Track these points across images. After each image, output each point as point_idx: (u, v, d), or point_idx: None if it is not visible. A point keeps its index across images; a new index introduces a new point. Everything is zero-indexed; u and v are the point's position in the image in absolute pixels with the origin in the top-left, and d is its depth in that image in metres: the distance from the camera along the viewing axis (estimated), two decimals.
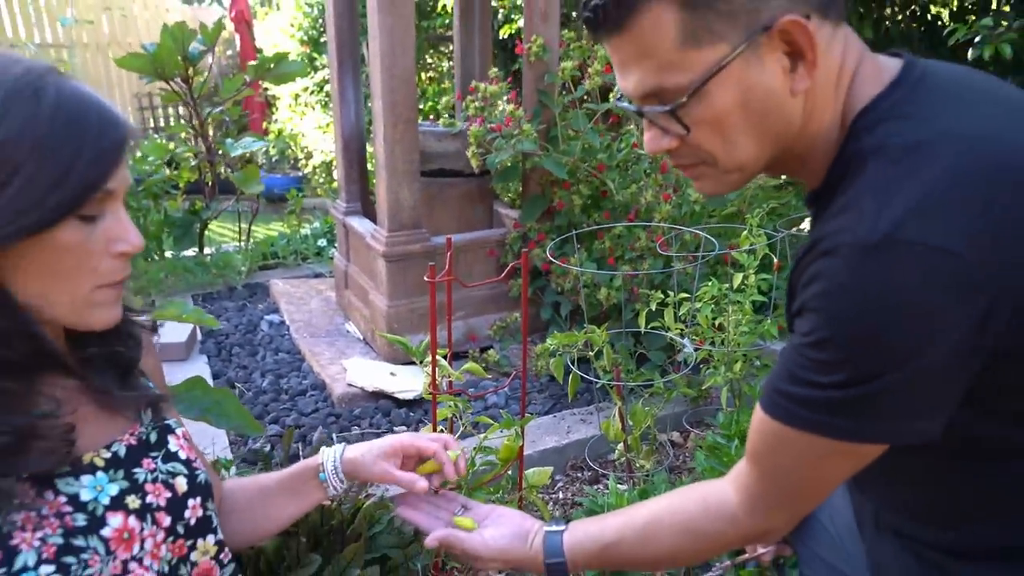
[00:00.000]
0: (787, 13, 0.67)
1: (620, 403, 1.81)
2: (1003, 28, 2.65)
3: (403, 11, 2.25)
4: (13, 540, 0.68)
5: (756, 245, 1.93)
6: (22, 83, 0.66)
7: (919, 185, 0.65)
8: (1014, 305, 0.63)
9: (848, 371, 0.68)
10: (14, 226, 0.64)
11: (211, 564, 0.85)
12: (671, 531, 0.89)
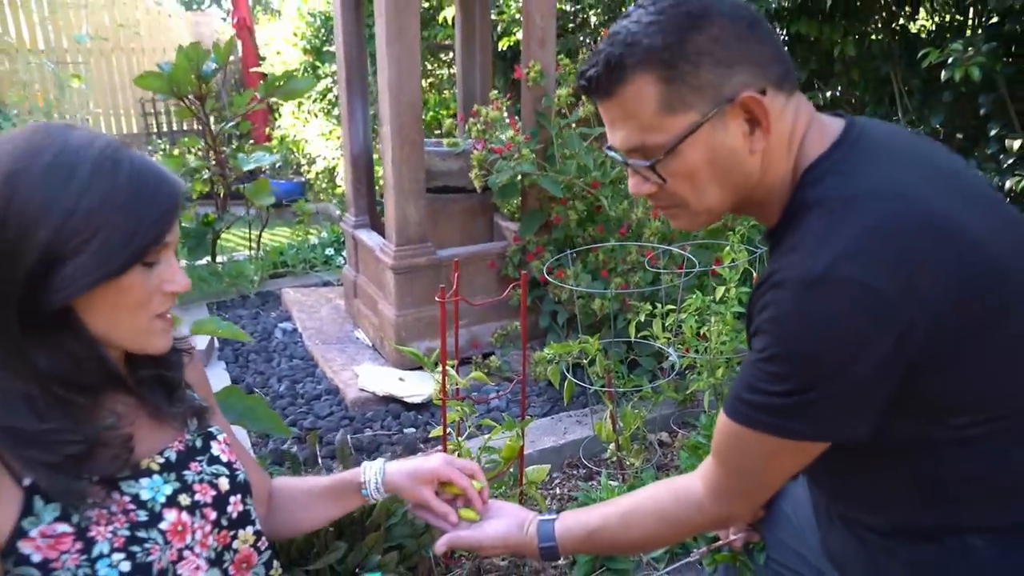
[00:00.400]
0: (747, 88, 0.83)
1: (612, 406, 1.98)
2: (971, 52, 2.81)
3: (409, 43, 2.42)
4: (90, 532, 0.82)
5: (737, 261, 2.10)
6: (102, 158, 0.81)
7: (850, 232, 0.80)
8: (925, 328, 0.78)
9: (793, 382, 0.83)
10: (93, 276, 0.79)
11: (250, 551, 1.00)
12: (648, 518, 1.05)
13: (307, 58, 7.44)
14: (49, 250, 0.77)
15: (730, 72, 0.84)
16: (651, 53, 0.83)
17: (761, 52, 0.86)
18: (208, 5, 18.88)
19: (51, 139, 0.81)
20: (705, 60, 0.83)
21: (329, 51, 7.12)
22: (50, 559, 0.79)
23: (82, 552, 0.81)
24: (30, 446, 0.80)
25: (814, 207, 0.85)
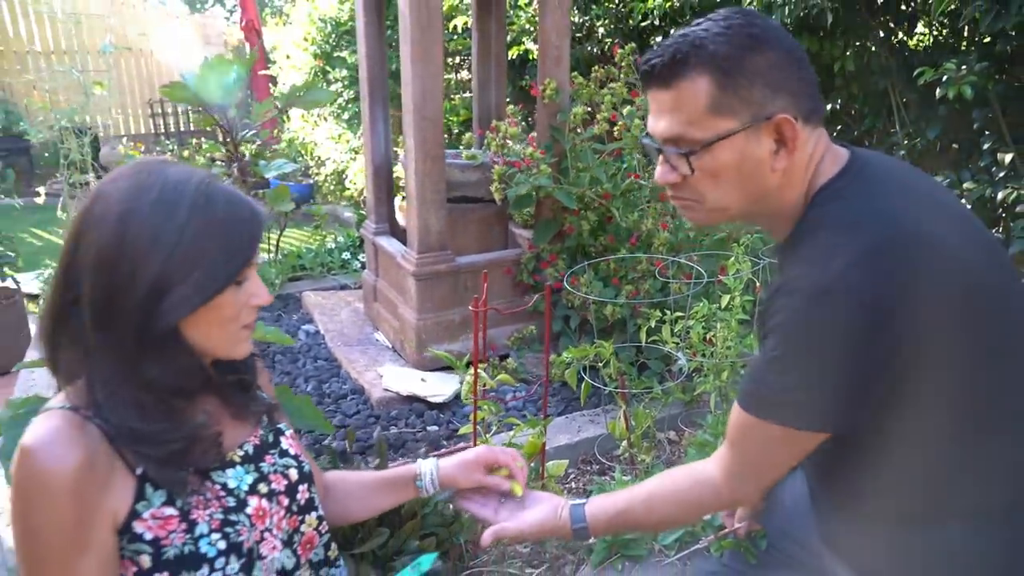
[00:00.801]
0: (784, 112, 0.97)
1: (624, 406, 2.13)
2: (964, 71, 2.95)
3: (433, 63, 2.56)
4: (192, 515, 0.95)
5: (741, 272, 2.25)
6: (197, 194, 0.93)
7: (853, 250, 0.93)
8: (917, 331, 0.91)
9: (799, 377, 0.96)
10: (194, 302, 0.92)
11: (314, 534, 1.13)
12: (668, 501, 1.18)
13: (318, 63, 7.57)
14: (157, 282, 0.90)
15: (774, 95, 0.96)
16: (714, 58, 0.95)
17: (801, 86, 0.99)
18: (212, 4, 19.02)
19: (153, 177, 0.93)
20: (757, 79, 0.96)
21: (340, 56, 7.25)
22: (160, 537, 0.92)
23: (186, 532, 0.94)
24: (142, 443, 0.92)
25: (823, 227, 0.98)
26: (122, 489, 0.92)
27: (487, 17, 3.27)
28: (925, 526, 1.06)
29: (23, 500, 0.87)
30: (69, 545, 0.86)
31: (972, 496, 1.04)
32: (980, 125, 3.38)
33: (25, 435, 0.88)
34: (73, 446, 0.87)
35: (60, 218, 4.74)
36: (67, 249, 0.93)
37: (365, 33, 3.02)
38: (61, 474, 0.85)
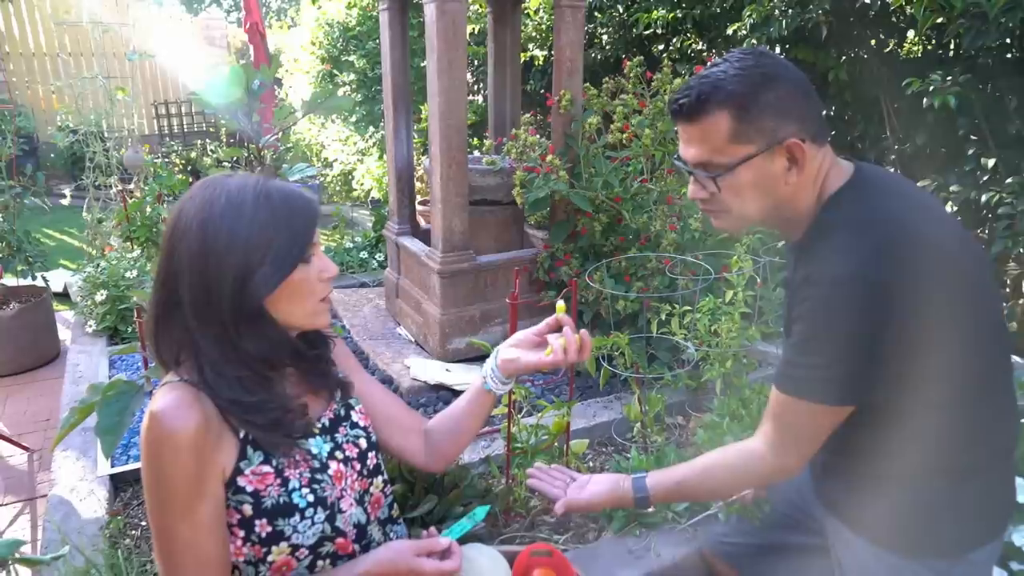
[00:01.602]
0: (794, 136, 1.17)
1: (639, 391, 2.34)
2: (948, 83, 3.17)
3: (457, 76, 2.77)
4: (286, 473, 1.14)
5: (744, 268, 2.46)
6: (256, 193, 1.09)
7: (868, 246, 1.14)
8: (918, 316, 1.11)
9: (826, 357, 1.15)
10: (275, 279, 1.10)
11: (380, 495, 1.32)
12: (720, 471, 1.35)
13: (325, 67, 7.73)
14: (240, 270, 1.07)
15: (784, 122, 1.17)
16: (732, 96, 1.16)
17: (808, 112, 1.19)
18: (208, 4, 19.17)
19: (219, 189, 1.10)
20: (769, 110, 1.17)
21: (347, 60, 7.44)
22: (259, 490, 1.11)
23: (281, 486, 1.13)
24: (247, 412, 1.11)
25: (837, 227, 1.19)
26: (229, 449, 1.10)
27: (503, 30, 3.48)
28: (914, 483, 1.26)
29: (154, 455, 1.05)
30: (191, 492, 1.05)
31: (956, 456, 1.25)
32: (965, 132, 3.59)
33: (152, 403, 1.07)
34: (192, 411, 1.06)
35: (84, 220, 4.93)
36: (163, 262, 1.10)
37: (390, 48, 3.22)
38: (184, 433, 1.04)
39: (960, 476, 1.27)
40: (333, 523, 1.18)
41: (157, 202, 3.91)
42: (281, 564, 1.14)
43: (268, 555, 1.13)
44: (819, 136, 1.21)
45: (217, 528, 1.09)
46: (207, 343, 1.10)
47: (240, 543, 1.12)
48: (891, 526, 1.33)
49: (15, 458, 3.33)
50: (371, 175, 7.74)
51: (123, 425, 1.71)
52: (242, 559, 1.13)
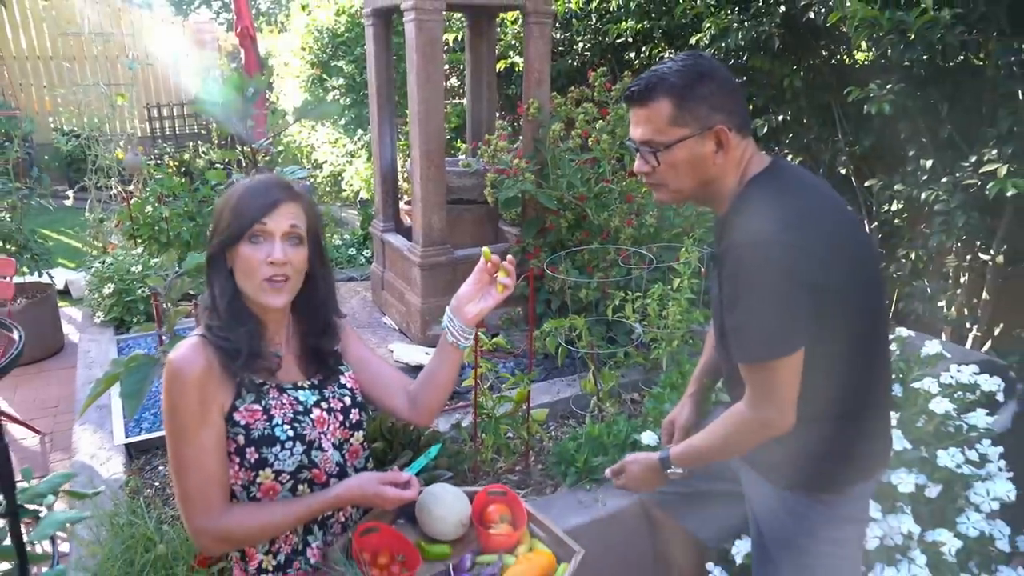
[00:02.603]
0: (722, 124, 1.45)
1: (594, 368, 2.64)
2: (885, 91, 3.48)
3: (435, 87, 3.06)
4: (271, 411, 1.43)
5: (690, 259, 2.76)
6: (249, 180, 1.43)
7: (780, 216, 1.39)
8: (822, 277, 1.36)
9: (757, 315, 1.38)
10: (223, 238, 1.38)
11: (358, 446, 1.59)
12: (715, 431, 1.58)
13: (315, 71, 7.98)
14: (213, 229, 1.41)
15: (714, 112, 1.45)
16: (674, 87, 1.45)
17: (735, 107, 1.46)
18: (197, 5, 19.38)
19: (246, 180, 1.44)
20: (703, 101, 1.45)
21: (337, 65, 7.71)
22: (249, 423, 1.40)
23: (267, 421, 1.41)
24: (223, 339, 1.39)
25: (755, 201, 1.45)
26: (227, 389, 1.40)
27: (480, 42, 3.77)
28: (807, 429, 1.50)
29: (168, 390, 1.34)
30: (196, 420, 1.35)
31: (842, 403, 1.51)
32: (906, 135, 3.90)
33: (171, 352, 1.38)
34: (198, 357, 1.36)
35: (86, 219, 5.20)
36: None
37: (375, 61, 3.51)
38: (190, 374, 1.34)
39: (845, 422, 1.53)
40: (310, 456, 1.45)
41: (158, 203, 4.20)
42: (267, 488, 1.42)
43: (256, 478, 1.42)
44: (743, 127, 1.48)
45: (216, 451, 1.38)
46: (210, 284, 1.43)
47: (236, 468, 1.41)
48: (787, 467, 1.59)
49: (28, 440, 3.61)
50: (360, 176, 8.02)
51: (143, 392, 2.00)
52: (238, 483, 1.43)
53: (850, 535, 1.63)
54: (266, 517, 1.40)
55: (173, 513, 2.06)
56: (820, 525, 1.58)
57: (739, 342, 1.45)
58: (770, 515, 1.66)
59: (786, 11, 4.05)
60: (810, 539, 1.59)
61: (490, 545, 1.60)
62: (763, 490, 1.66)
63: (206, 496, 1.37)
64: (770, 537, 1.66)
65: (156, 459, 2.54)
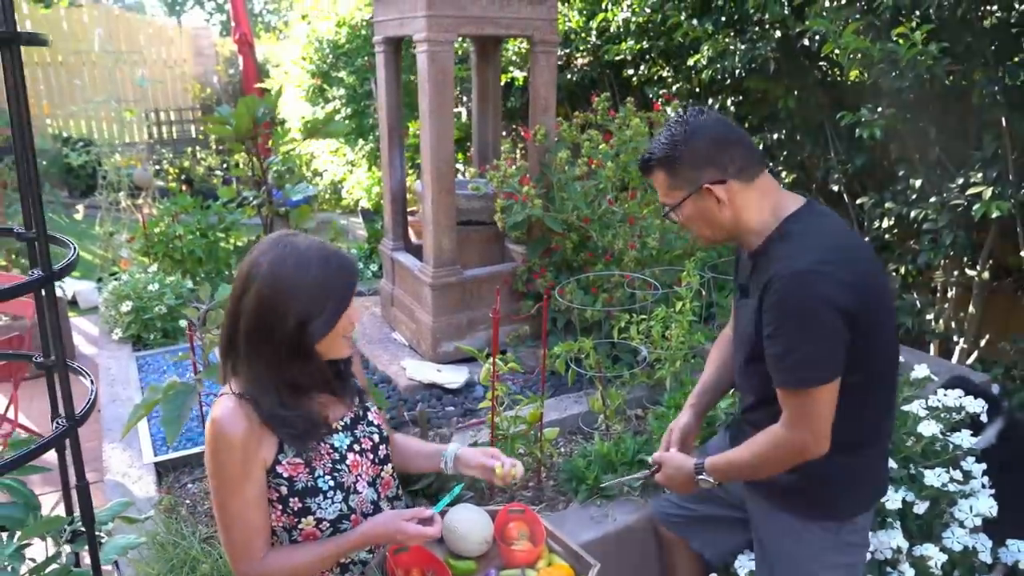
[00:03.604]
0: (710, 181, 1.58)
1: (601, 387, 2.78)
2: (876, 115, 3.63)
3: (446, 113, 3.19)
4: (313, 464, 1.52)
5: (692, 283, 2.90)
6: (319, 257, 1.41)
7: (820, 251, 1.49)
8: (857, 311, 1.47)
9: (798, 343, 1.47)
10: (327, 327, 1.43)
11: (390, 478, 1.70)
12: (749, 448, 1.65)
13: (315, 81, 8.09)
14: (300, 316, 1.39)
15: (702, 171, 1.59)
16: (660, 161, 1.63)
17: (723, 159, 1.56)
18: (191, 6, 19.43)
19: (288, 247, 1.42)
20: (686, 164, 1.60)
21: (337, 76, 7.82)
22: (293, 476, 1.49)
23: (310, 473, 1.49)
24: (283, 424, 1.48)
25: (794, 236, 1.55)
26: (269, 445, 1.46)
27: (485, 67, 3.90)
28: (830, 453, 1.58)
29: (214, 451, 1.42)
30: (239, 477, 1.43)
31: (855, 433, 1.61)
32: (896, 156, 4.06)
33: (213, 410, 1.45)
34: (240, 419, 1.43)
35: (96, 233, 5.31)
36: (233, 298, 1.43)
37: (385, 88, 3.63)
38: (233, 434, 1.42)
39: (855, 451, 1.63)
40: (348, 503, 1.55)
41: (173, 220, 4.31)
42: (308, 533, 1.53)
43: (299, 524, 1.52)
44: (742, 173, 1.58)
45: (259, 504, 1.47)
46: (258, 366, 1.44)
47: (279, 513, 1.51)
48: (794, 494, 1.70)
49: None
50: (360, 186, 8.14)
51: (183, 417, 2.14)
52: (280, 525, 1.52)
53: (854, 560, 1.74)
54: (300, 558, 1.50)
55: (208, 533, 2.19)
56: (827, 551, 1.69)
57: (781, 368, 1.52)
58: (778, 541, 1.76)
59: (782, 36, 4.20)
60: (817, 564, 1.70)
61: (512, 561, 1.74)
62: (772, 517, 1.77)
63: (249, 545, 1.47)
64: (777, 562, 1.77)
65: (184, 476, 2.67)
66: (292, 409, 1.47)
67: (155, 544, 2.05)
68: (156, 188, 5.73)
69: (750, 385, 1.74)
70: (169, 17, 17.86)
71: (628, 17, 5.02)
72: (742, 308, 1.71)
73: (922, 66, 3.21)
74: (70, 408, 1.25)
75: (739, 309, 1.75)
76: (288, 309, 1.39)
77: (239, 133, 4.28)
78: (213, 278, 4.41)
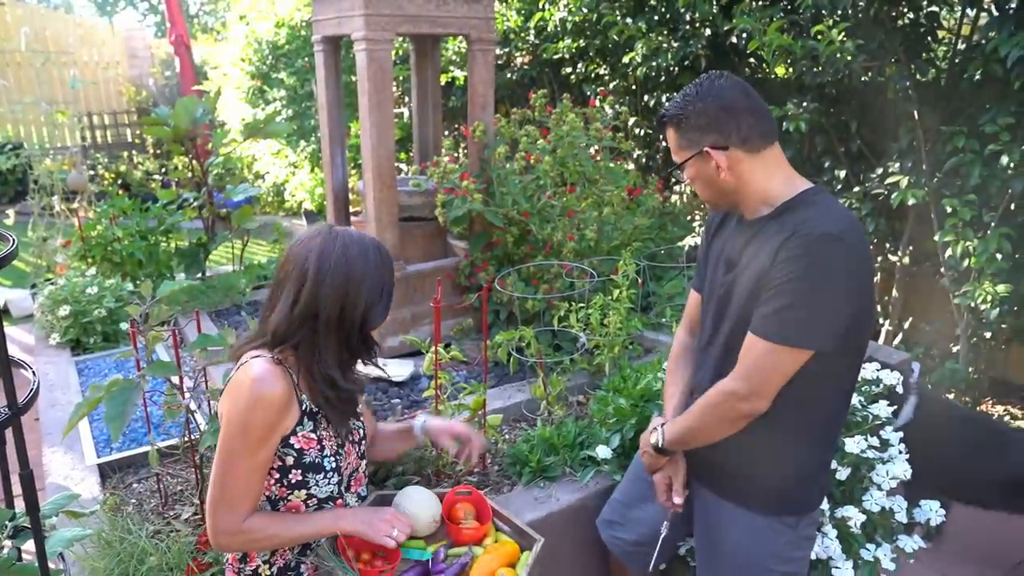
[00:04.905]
0: (712, 146, 1.59)
1: (543, 375, 2.86)
2: (801, 110, 3.80)
3: (385, 113, 3.23)
4: (324, 442, 1.59)
5: (628, 272, 3.01)
6: (373, 246, 1.55)
7: (843, 218, 1.49)
8: (869, 287, 1.52)
9: (813, 305, 1.44)
10: (387, 310, 1.61)
11: (362, 475, 1.77)
12: (704, 410, 1.65)
13: (255, 83, 8.01)
14: (368, 300, 1.52)
15: (705, 135, 1.60)
16: (671, 118, 1.65)
17: (728, 126, 1.55)
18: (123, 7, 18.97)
19: (341, 238, 1.52)
20: (692, 127, 1.61)
21: (277, 77, 7.77)
22: (304, 449, 1.56)
23: (320, 450, 1.58)
24: (339, 394, 1.57)
25: (823, 202, 1.55)
26: (294, 415, 1.53)
27: (424, 66, 3.96)
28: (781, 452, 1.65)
29: (248, 407, 1.45)
30: (262, 438, 1.49)
31: (816, 428, 1.65)
32: (822, 148, 4.24)
33: (251, 369, 1.47)
34: (282, 381, 1.50)
35: (28, 239, 5.17)
36: (310, 286, 1.48)
37: (325, 87, 3.66)
38: (275, 395, 1.48)
39: (817, 448, 1.68)
40: (341, 486, 1.65)
41: (111, 223, 4.25)
42: (293, 507, 1.60)
43: (289, 496, 1.58)
44: (746, 143, 1.57)
45: (264, 469, 1.53)
46: (331, 344, 1.52)
47: (272, 483, 1.57)
48: (759, 491, 1.72)
49: None
50: (303, 187, 8.09)
51: (126, 414, 2.13)
52: (269, 495, 1.58)
53: (806, 553, 1.79)
54: (277, 528, 1.55)
55: (156, 528, 2.19)
56: (785, 546, 1.73)
57: (774, 319, 1.49)
58: (735, 539, 1.76)
59: (711, 34, 4.35)
60: (773, 560, 1.73)
61: (460, 539, 1.81)
62: (732, 515, 1.76)
63: (240, 503, 1.51)
64: (730, 561, 1.78)
65: (129, 476, 2.66)
66: (348, 380, 1.58)
67: (101, 541, 2.05)
68: (92, 192, 5.61)
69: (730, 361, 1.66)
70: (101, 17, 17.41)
71: (565, 16, 5.13)
72: (728, 282, 1.67)
73: (841, 62, 3.39)
74: (12, 397, 1.27)
75: (721, 286, 1.71)
76: (359, 296, 1.50)
77: (177, 134, 4.26)
78: (155, 280, 4.35)
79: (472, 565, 1.71)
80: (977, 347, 3.89)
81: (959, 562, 2.97)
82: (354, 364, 1.63)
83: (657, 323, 3.44)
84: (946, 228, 3.35)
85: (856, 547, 2.13)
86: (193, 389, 2.27)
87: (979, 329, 3.78)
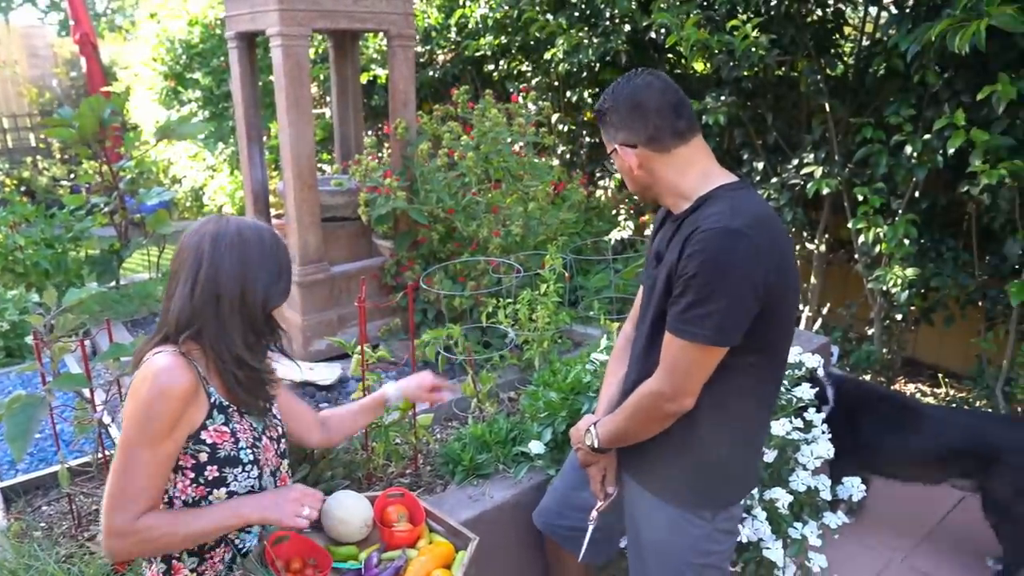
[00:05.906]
0: (622, 144, 1.60)
1: (472, 372, 2.83)
2: (720, 104, 3.88)
3: (304, 108, 3.15)
4: (238, 434, 1.53)
5: (555, 266, 3.01)
6: (268, 233, 1.55)
7: (749, 216, 1.46)
8: (772, 280, 1.46)
9: (714, 301, 1.44)
10: (287, 292, 1.59)
11: (286, 475, 1.73)
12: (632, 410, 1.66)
13: (169, 83, 7.72)
14: (267, 282, 1.51)
15: (618, 132, 1.63)
16: (596, 112, 1.67)
17: (635, 124, 1.58)
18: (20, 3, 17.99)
19: (232, 224, 1.51)
20: (608, 124, 1.64)
21: (192, 78, 7.51)
22: (217, 443, 1.51)
23: (234, 443, 1.53)
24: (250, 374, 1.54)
25: (727, 199, 1.52)
26: (201, 408, 1.49)
27: (344, 62, 3.88)
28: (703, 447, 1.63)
29: (150, 399, 1.41)
30: (165, 431, 1.43)
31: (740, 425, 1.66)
32: (741, 140, 4.34)
33: (154, 363, 1.44)
34: (186, 373, 1.45)
35: None
36: (206, 270, 1.47)
37: (241, 84, 3.54)
38: (178, 387, 1.43)
39: (739, 444, 1.69)
40: (260, 480, 1.59)
41: (12, 231, 4.02)
42: None
43: (209, 495, 1.52)
44: (652, 143, 1.58)
45: (166, 465, 1.47)
46: (235, 325, 1.50)
47: (188, 483, 1.51)
48: (675, 484, 1.73)
49: None
50: (223, 191, 7.84)
51: (30, 432, 2.02)
52: (184, 497, 1.52)
53: (724, 547, 1.79)
54: (173, 525, 1.47)
55: (68, 552, 2.08)
56: (701, 540, 1.73)
57: (682, 318, 1.50)
58: (656, 534, 1.78)
59: (631, 30, 4.40)
60: (691, 554, 1.74)
61: (393, 542, 1.76)
62: (655, 510, 1.77)
63: (135, 499, 1.44)
64: (652, 555, 1.80)
65: (38, 499, 2.51)
66: (258, 362, 1.58)
67: (4, 573, 1.93)
68: None
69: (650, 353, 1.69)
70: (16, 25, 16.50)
71: (486, 13, 5.11)
72: (655, 274, 1.68)
73: (755, 57, 3.47)
74: None
75: (650, 278, 1.73)
76: (257, 278, 1.50)
77: (84, 136, 4.06)
78: (64, 290, 4.14)
79: (406, 568, 1.68)
80: (890, 329, 4.06)
81: (875, 532, 3.09)
82: (261, 346, 1.61)
83: (585, 316, 3.45)
84: (858, 216, 3.47)
85: (784, 527, 2.18)
86: (106, 402, 2.16)
87: (891, 312, 3.93)
